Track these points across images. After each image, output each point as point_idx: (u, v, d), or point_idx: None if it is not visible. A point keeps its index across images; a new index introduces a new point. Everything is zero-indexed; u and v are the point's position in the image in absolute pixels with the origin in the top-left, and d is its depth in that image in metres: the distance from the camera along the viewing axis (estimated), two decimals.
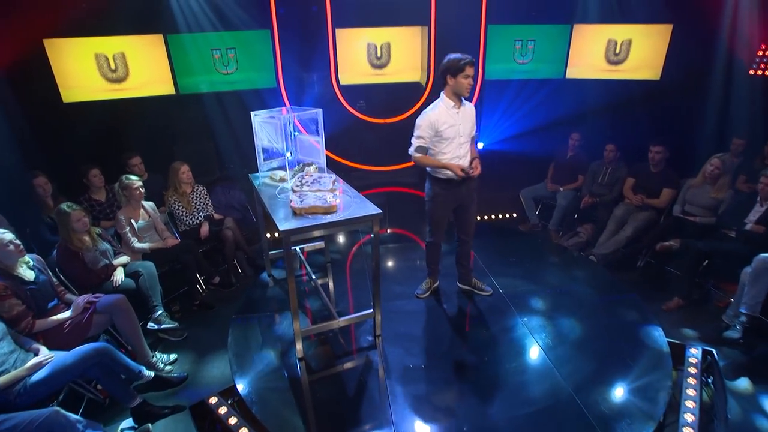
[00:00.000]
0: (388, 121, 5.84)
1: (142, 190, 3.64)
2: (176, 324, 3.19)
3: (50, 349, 2.53)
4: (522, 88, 5.83)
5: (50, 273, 2.88)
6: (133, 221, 3.61)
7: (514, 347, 2.96)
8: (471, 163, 2.97)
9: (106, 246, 3.31)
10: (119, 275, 3.21)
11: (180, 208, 4.05)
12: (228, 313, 3.50)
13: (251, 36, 5.25)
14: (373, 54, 5.65)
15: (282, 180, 2.99)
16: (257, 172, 3.48)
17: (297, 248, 3.84)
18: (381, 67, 5.73)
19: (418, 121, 2.88)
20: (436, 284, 3.56)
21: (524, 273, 3.86)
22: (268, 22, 5.17)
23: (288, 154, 3.05)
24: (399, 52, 5.70)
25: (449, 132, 2.86)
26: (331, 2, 5.22)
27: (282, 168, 3.18)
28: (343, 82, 5.68)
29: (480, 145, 6.00)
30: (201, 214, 4.14)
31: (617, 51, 5.58)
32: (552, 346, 2.92)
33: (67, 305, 2.84)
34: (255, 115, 2.96)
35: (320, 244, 3.91)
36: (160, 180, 4.41)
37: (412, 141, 2.92)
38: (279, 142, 2.99)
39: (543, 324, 3.17)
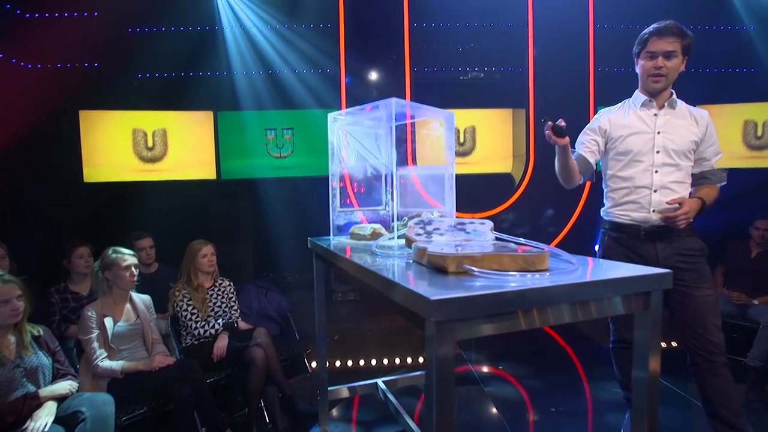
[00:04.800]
0: (476, 216, 4.56)
1: (135, 272, 2.28)
2: None
3: None
4: None
5: None
6: (108, 321, 2.17)
7: None
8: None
9: (42, 360, 1.83)
10: (43, 419, 1.66)
11: (189, 309, 2.60)
12: None
13: (314, 115, 4.46)
14: (455, 139, 4.70)
15: (376, 235, 1.55)
16: (320, 236, 2.05)
17: (380, 382, 2.15)
18: (463, 154, 4.73)
19: None
20: None
21: None
22: (336, 100, 4.42)
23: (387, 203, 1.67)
24: (485, 138, 4.74)
25: (631, 143, 1.85)
26: (410, 80, 4.50)
27: (378, 220, 1.74)
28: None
29: None
30: (219, 320, 2.66)
31: (759, 133, 4.53)
32: None
33: None
34: (334, 119, 1.73)
35: (417, 375, 2.21)
36: (173, 274, 3.07)
37: None
38: (380, 157, 1.64)
39: None
